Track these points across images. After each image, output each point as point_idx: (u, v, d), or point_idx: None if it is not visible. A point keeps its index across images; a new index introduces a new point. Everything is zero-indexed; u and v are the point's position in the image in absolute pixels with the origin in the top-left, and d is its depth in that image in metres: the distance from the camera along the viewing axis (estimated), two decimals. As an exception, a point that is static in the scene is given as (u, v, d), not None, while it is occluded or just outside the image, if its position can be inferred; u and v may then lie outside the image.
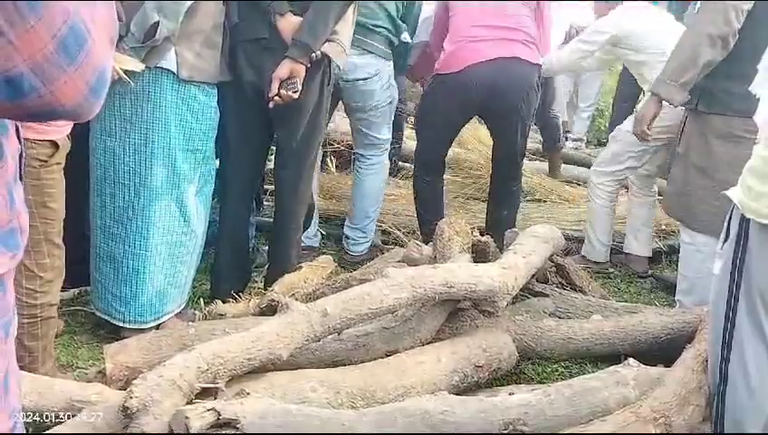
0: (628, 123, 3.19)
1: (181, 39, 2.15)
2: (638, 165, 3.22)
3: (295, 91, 2.30)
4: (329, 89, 2.51)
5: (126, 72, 2.03)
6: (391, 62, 3.05)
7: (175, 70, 2.17)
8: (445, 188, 3.37)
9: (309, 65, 2.31)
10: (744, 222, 1.59)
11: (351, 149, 3.54)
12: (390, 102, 3.14)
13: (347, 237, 3.27)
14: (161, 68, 2.16)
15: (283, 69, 2.27)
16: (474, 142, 4.42)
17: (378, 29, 2.90)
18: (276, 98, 2.30)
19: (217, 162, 2.52)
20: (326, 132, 3.39)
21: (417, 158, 3.26)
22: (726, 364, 1.67)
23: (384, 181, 3.33)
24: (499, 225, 3.09)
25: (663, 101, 2.58)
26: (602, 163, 3.35)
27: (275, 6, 2.28)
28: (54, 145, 1.76)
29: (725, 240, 1.67)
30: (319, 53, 2.32)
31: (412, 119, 4.56)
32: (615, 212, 3.39)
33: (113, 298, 2.32)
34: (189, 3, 2.10)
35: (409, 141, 4.45)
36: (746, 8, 2.31)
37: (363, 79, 2.92)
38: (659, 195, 3.38)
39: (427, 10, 3.34)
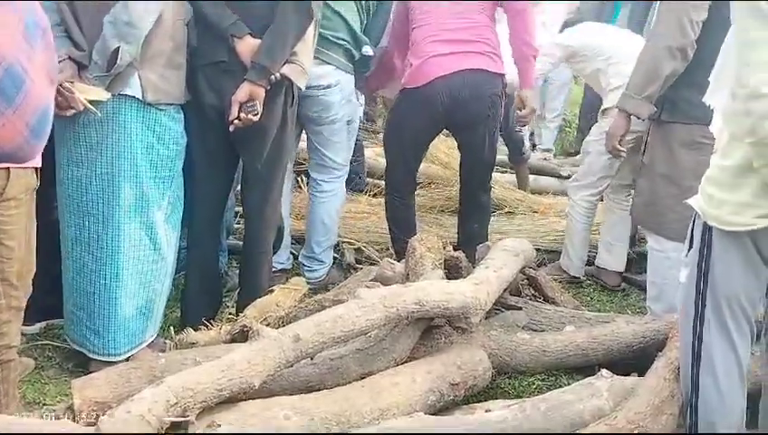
0: (595, 132, 3.24)
1: (144, 62, 2.13)
2: (611, 173, 3.23)
3: (255, 114, 2.29)
4: (292, 110, 2.50)
5: (91, 101, 2.00)
6: (352, 76, 3.00)
7: (139, 95, 2.15)
8: (416, 203, 3.35)
9: (269, 87, 2.30)
10: (707, 229, 1.62)
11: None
12: (349, 122, 3.07)
13: (303, 265, 3.18)
14: (125, 95, 2.14)
15: (242, 92, 2.27)
16: (442, 156, 4.43)
17: (339, 41, 2.87)
18: (236, 121, 2.29)
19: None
20: (297, 151, 3.38)
21: (388, 175, 3.23)
22: (697, 371, 1.70)
23: (338, 210, 3.19)
24: (471, 239, 3.08)
25: (631, 116, 2.61)
26: (577, 178, 3.39)
27: (233, 29, 2.27)
28: (5, 175, 1.66)
29: (690, 248, 1.69)
30: (278, 74, 2.31)
31: (381, 136, 4.56)
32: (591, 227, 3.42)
33: (87, 330, 2.28)
34: (149, 26, 2.08)
35: (381, 159, 4.46)
36: (701, 19, 2.36)
37: (323, 88, 2.86)
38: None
39: None
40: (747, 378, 1.72)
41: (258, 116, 2.29)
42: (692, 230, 1.69)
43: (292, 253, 3.30)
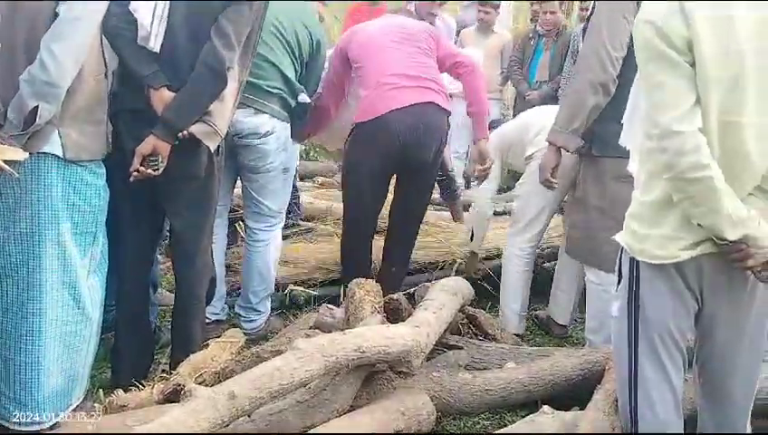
0: (523, 177, 3.20)
1: (63, 119, 2.06)
2: (543, 217, 3.10)
3: (156, 169, 2.23)
4: (219, 158, 2.45)
5: (8, 162, 1.91)
6: (288, 124, 2.97)
7: (59, 153, 2.07)
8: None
9: (174, 143, 2.24)
10: (634, 263, 1.67)
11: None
12: (286, 170, 3.04)
13: (239, 315, 3.08)
14: (45, 153, 2.06)
15: (146, 145, 2.21)
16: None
17: (273, 90, 2.84)
18: (136, 173, 2.23)
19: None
20: (232, 199, 3.29)
21: (345, 217, 3.16)
22: (635, 403, 1.72)
23: (275, 259, 3.11)
24: (389, 282, 3.00)
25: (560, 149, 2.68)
26: (512, 224, 3.22)
27: (150, 79, 2.23)
28: None
29: (619, 282, 1.73)
30: (186, 133, 2.26)
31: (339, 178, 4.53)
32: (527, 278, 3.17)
33: (6, 400, 2.13)
34: (69, 83, 2.01)
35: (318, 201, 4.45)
36: (620, 55, 2.46)
37: (260, 136, 2.83)
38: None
39: None
40: (683, 405, 1.76)
41: (159, 171, 2.24)
42: (620, 264, 1.73)
43: (226, 304, 3.19)
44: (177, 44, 2.25)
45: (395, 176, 3.16)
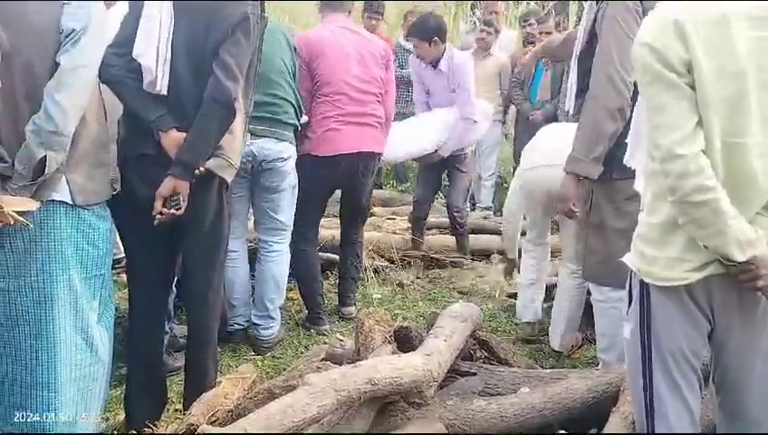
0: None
1: (70, 166, 2.09)
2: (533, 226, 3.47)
3: (178, 208, 2.26)
4: (227, 195, 2.48)
5: (19, 212, 1.93)
6: (295, 147, 3.38)
7: (68, 199, 2.09)
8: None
9: (193, 181, 2.27)
10: (644, 285, 1.66)
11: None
12: (294, 187, 3.42)
13: (255, 324, 3.39)
14: (54, 200, 2.08)
15: (166, 187, 2.24)
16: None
17: (289, 121, 3.29)
18: (159, 216, 2.25)
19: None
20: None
21: (296, 228, 3.52)
22: (652, 424, 1.70)
23: (286, 269, 3.47)
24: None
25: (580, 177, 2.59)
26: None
27: (158, 123, 2.25)
28: None
29: (630, 304, 1.72)
30: (203, 169, 2.29)
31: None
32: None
33: None
34: (72, 130, 2.04)
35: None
36: (631, 79, 2.40)
37: (282, 160, 3.26)
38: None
39: None
40: (700, 423, 1.74)
41: (182, 210, 2.27)
42: (630, 286, 1.72)
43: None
44: (180, 84, 2.28)
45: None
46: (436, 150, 4.42)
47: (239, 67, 2.28)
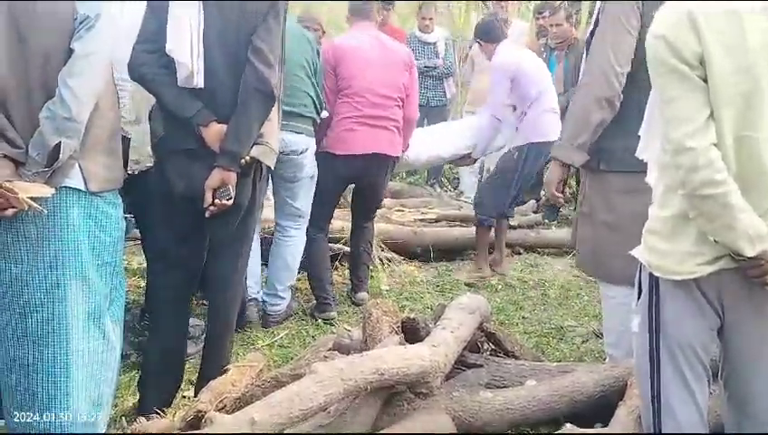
0: None
1: (83, 153, 2.09)
2: None
3: (229, 199, 2.29)
4: (261, 184, 2.50)
5: (33, 198, 1.94)
6: (314, 139, 3.51)
7: (81, 186, 2.10)
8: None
9: (239, 171, 2.29)
10: (654, 279, 1.65)
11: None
12: (312, 177, 3.56)
13: (264, 301, 3.56)
14: (67, 187, 2.09)
15: (214, 179, 2.26)
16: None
17: (307, 114, 3.40)
18: (211, 207, 2.29)
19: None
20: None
21: (309, 219, 3.67)
22: (659, 419, 1.70)
23: (299, 254, 3.63)
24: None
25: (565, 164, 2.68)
26: None
27: (198, 118, 2.26)
28: None
29: (638, 297, 1.72)
30: (248, 157, 2.31)
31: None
32: None
33: (34, 430, 2.14)
34: (87, 117, 2.05)
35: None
36: (624, 71, 2.46)
37: (298, 153, 3.38)
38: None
39: None
40: (708, 419, 1.74)
41: (232, 200, 2.30)
42: (639, 279, 1.72)
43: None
44: (215, 75, 2.28)
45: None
46: (468, 154, 4.67)
47: (273, 53, 2.29)
